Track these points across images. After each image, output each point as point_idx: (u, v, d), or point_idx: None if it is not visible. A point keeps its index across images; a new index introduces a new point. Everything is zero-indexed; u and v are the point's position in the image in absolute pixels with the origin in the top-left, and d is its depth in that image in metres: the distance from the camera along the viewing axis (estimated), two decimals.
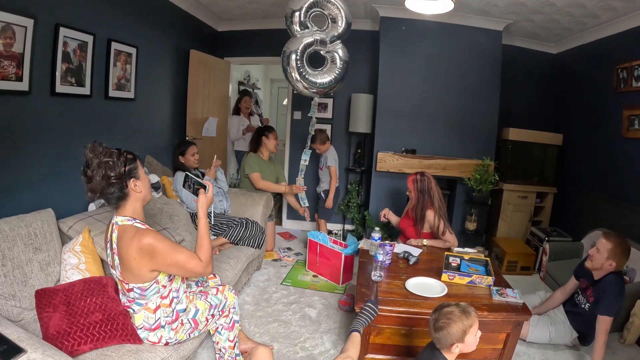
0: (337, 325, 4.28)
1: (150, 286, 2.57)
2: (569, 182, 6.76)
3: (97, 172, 2.39)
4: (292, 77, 4.91)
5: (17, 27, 3.35)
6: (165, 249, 2.49)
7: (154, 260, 2.46)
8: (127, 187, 2.52)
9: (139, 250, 2.41)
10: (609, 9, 5.24)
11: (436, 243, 4.64)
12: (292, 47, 4.81)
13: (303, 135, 7.35)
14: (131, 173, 2.53)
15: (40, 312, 2.75)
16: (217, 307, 3.08)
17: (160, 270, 2.58)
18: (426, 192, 4.64)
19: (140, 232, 2.45)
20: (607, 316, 3.47)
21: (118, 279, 2.57)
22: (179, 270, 2.65)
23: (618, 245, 3.54)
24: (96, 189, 2.43)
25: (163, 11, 5.75)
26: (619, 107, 5.51)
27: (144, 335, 2.72)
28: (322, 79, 5.05)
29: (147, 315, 2.66)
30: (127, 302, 2.69)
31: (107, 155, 2.44)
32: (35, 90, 3.64)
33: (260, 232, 5.01)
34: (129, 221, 2.52)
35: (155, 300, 2.66)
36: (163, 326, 2.72)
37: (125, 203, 2.56)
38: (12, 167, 3.49)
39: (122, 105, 4.95)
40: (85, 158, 2.43)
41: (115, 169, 2.44)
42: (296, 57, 4.78)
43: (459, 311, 2.38)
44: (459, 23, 6.21)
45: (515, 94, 7.15)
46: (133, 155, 2.60)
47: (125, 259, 2.44)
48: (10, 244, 2.96)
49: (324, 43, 4.98)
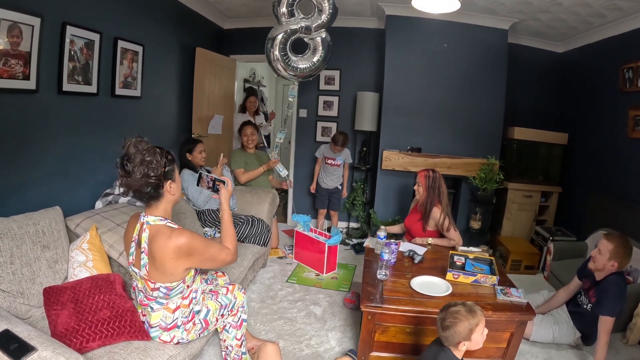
0: (342, 323, 4.29)
1: (177, 286, 2.59)
2: (573, 182, 6.76)
3: (138, 170, 2.39)
4: (275, 62, 5.32)
5: (24, 26, 3.37)
6: (201, 246, 2.55)
7: (191, 258, 2.51)
8: (162, 188, 2.53)
9: (177, 249, 2.43)
10: (615, 9, 5.24)
11: (441, 242, 4.65)
12: (275, 33, 5.17)
13: (309, 133, 7.39)
14: (169, 175, 2.55)
15: (48, 310, 2.77)
16: (227, 307, 3.10)
17: (195, 267, 2.65)
18: (436, 189, 4.66)
19: (175, 232, 2.48)
20: (609, 316, 3.48)
21: (142, 277, 2.56)
22: (213, 263, 2.74)
23: (619, 245, 3.55)
24: (132, 185, 2.43)
25: (169, 9, 5.76)
26: (624, 107, 5.50)
27: (156, 334, 2.72)
28: (303, 64, 5.38)
29: (165, 315, 2.67)
30: (145, 299, 2.67)
31: (151, 153, 2.45)
32: (43, 88, 3.65)
33: (266, 230, 5.02)
34: (161, 221, 2.54)
35: (176, 301, 2.67)
36: (178, 326, 2.74)
37: (157, 203, 2.57)
38: (19, 164, 3.52)
39: (128, 103, 4.97)
40: (127, 152, 2.42)
41: (157, 170, 2.45)
42: (279, 44, 5.16)
43: (466, 310, 2.41)
44: (465, 22, 6.21)
45: (520, 92, 7.15)
46: (172, 156, 2.62)
47: (159, 259, 2.45)
48: (18, 242, 2.98)
49: (308, 30, 5.27)
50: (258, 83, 10.41)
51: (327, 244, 5.22)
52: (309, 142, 7.51)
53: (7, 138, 3.39)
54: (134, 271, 2.66)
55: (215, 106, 7.03)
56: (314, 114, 7.56)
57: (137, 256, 2.58)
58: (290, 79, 5.58)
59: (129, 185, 2.44)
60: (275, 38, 5.20)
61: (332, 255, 5.43)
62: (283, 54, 5.29)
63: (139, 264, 2.55)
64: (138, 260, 2.57)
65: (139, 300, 2.75)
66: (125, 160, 2.40)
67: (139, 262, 2.56)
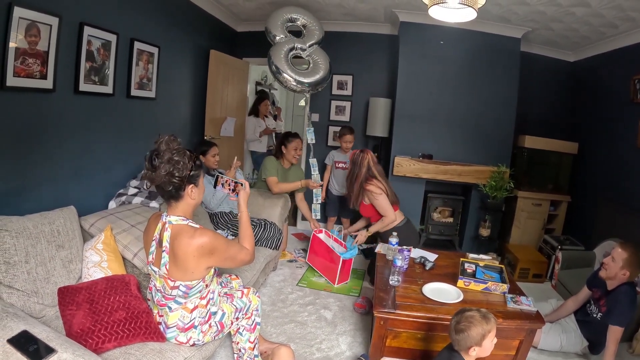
0: (353, 328, 4.30)
1: (197, 284, 2.63)
2: (583, 191, 6.75)
3: (164, 167, 2.46)
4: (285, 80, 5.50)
5: (42, 25, 3.39)
6: (222, 246, 2.63)
7: (213, 256, 2.58)
8: (183, 190, 2.59)
9: (200, 248, 2.50)
10: (628, 20, 5.24)
11: (376, 226, 4.97)
12: (275, 52, 5.48)
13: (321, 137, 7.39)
14: (192, 179, 2.60)
15: (63, 310, 2.80)
16: (241, 310, 3.12)
17: (216, 265, 2.71)
18: (357, 163, 4.94)
19: (198, 231, 2.54)
20: (619, 326, 3.50)
21: (162, 276, 2.60)
22: (232, 262, 2.81)
23: (633, 254, 3.57)
24: (155, 179, 2.49)
25: (184, 11, 5.80)
26: (634, 117, 5.50)
27: (172, 335, 2.74)
28: (309, 79, 5.52)
29: (183, 315, 2.70)
30: (163, 299, 2.70)
31: (180, 155, 2.52)
32: (59, 88, 3.67)
33: (278, 234, 5.04)
34: (183, 221, 2.59)
35: (194, 301, 2.71)
36: (195, 327, 2.76)
37: (177, 203, 2.62)
38: (35, 163, 3.55)
39: (143, 104, 5.00)
40: (157, 147, 2.50)
41: (182, 171, 2.51)
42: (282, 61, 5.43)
43: (480, 316, 2.45)
44: (478, 29, 6.21)
45: (531, 100, 7.14)
46: (200, 163, 2.70)
47: (180, 257, 2.50)
48: (34, 241, 3.00)
49: (303, 49, 5.58)
50: (270, 86, 10.44)
51: (342, 257, 5.11)
52: (320, 146, 7.51)
53: (23, 137, 3.41)
54: (153, 270, 2.69)
55: (228, 108, 7.05)
56: (325, 118, 7.56)
57: (157, 255, 2.63)
58: (300, 91, 5.65)
59: (151, 180, 2.51)
60: (279, 53, 5.46)
61: (346, 267, 5.30)
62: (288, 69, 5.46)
63: (159, 262, 2.59)
64: (158, 259, 2.61)
65: (157, 300, 2.78)
66: (155, 155, 2.48)
67: (159, 261, 2.60)
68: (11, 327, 2.23)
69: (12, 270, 2.81)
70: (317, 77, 5.53)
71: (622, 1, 4.73)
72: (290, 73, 5.37)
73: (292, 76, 5.38)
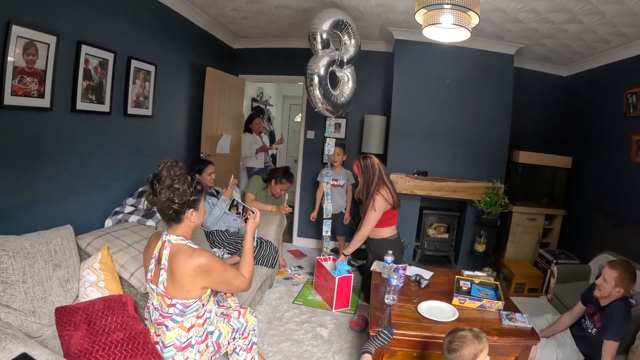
0: (349, 346, 4.31)
1: (193, 303, 2.66)
2: (577, 205, 6.80)
3: (165, 192, 2.51)
4: (315, 96, 5.09)
5: (40, 44, 3.42)
6: (219, 268, 2.67)
7: (209, 277, 2.61)
8: (183, 214, 2.64)
9: (197, 268, 2.54)
10: (620, 35, 5.31)
11: (353, 246, 4.96)
12: (315, 65, 5.01)
13: (316, 154, 7.41)
14: (193, 204, 2.66)
15: (60, 330, 2.79)
16: (238, 331, 3.15)
17: (211, 287, 2.73)
18: (369, 170, 4.89)
19: (196, 252, 2.59)
20: (614, 341, 3.50)
21: (160, 293, 2.63)
22: (227, 287, 2.86)
23: (624, 272, 3.58)
24: (156, 204, 2.56)
25: (181, 29, 5.83)
26: (628, 131, 5.56)
27: (170, 355, 2.74)
28: (341, 100, 5.29)
29: (180, 333, 2.72)
30: (161, 318, 2.72)
31: (181, 182, 2.58)
32: (57, 107, 3.69)
33: (274, 252, 5.05)
34: (182, 241, 2.65)
35: (191, 319, 2.73)
36: (192, 345, 2.77)
37: (177, 225, 2.67)
38: (32, 181, 3.56)
39: (140, 122, 5.02)
40: (159, 173, 2.55)
41: (182, 198, 2.57)
42: (319, 76, 4.97)
43: (472, 335, 2.47)
44: (471, 47, 6.26)
45: (525, 116, 7.22)
46: (201, 187, 2.74)
47: (178, 275, 2.53)
48: (31, 261, 3.02)
49: (341, 63, 5.23)
50: (265, 102, 10.47)
51: (337, 277, 5.05)
52: (316, 163, 7.54)
53: (21, 155, 3.43)
54: (151, 288, 2.72)
55: (224, 125, 7.07)
56: (321, 135, 7.57)
57: (155, 272, 2.67)
58: (328, 115, 5.55)
59: (153, 203, 2.58)
60: (318, 70, 5.06)
61: (345, 291, 5.21)
62: (324, 87, 5.15)
63: (157, 280, 2.63)
64: (157, 276, 2.64)
65: (154, 319, 2.78)
66: (156, 180, 2.54)
67: (157, 279, 2.63)
68: (11, 350, 2.22)
69: (9, 289, 2.82)
70: (343, 100, 5.46)
71: (614, 17, 4.81)
72: (329, 90, 5.24)
73: (324, 95, 5.15)
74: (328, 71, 5.12)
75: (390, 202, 4.75)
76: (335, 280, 5.05)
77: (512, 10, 5.00)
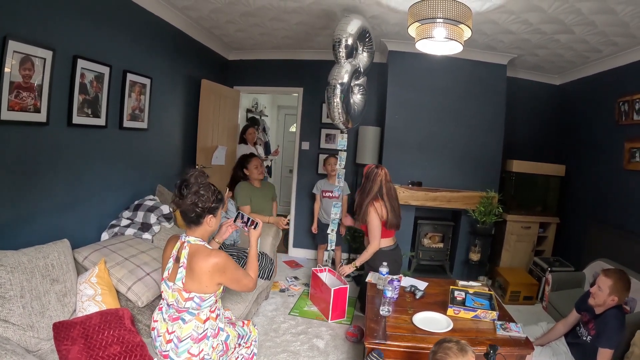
0: (345, 356, 4.33)
1: (209, 298, 2.79)
2: (571, 213, 6.84)
3: (190, 197, 2.74)
4: (335, 105, 5.07)
5: (36, 59, 3.44)
6: (232, 267, 2.87)
7: (224, 275, 2.81)
8: (203, 218, 2.84)
9: (214, 266, 2.74)
10: (611, 44, 5.38)
11: (363, 258, 4.86)
12: (339, 74, 4.98)
13: (311, 165, 7.43)
14: (212, 210, 2.87)
15: (58, 345, 2.82)
16: (243, 338, 3.24)
17: (224, 284, 2.89)
18: (370, 180, 4.86)
19: (213, 252, 2.79)
20: (608, 349, 3.52)
21: (176, 289, 2.74)
22: (237, 285, 2.99)
23: (618, 280, 3.60)
24: (182, 206, 2.78)
25: (176, 41, 5.86)
26: (620, 139, 5.61)
27: (185, 348, 2.75)
28: (356, 111, 5.35)
29: (197, 325, 2.80)
30: (176, 313, 2.80)
31: (206, 189, 2.81)
32: (53, 121, 3.71)
33: (270, 264, 5.04)
34: (200, 242, 2.84)
35: (206, 312, 2.84)
36: (208, 337, 2.84)
37: (196, 228, 2.87)
38: (28, 195, 3.57)
39: (135, 135, 5.04)
40: (187, 179, 2.79)
41: (205, 203, 2.79)
42: (342, 85, 4.95)
43: (457, 348, 2.48)
44: (465, 57, 6.28)
45: (518, 125, 7.28)
46: (222, 197, 2.96)
47: (197, 272, 2.71)
48: (29, 276, 3.04)
49: (359, 74, 5.25)
50: (260, 113, 10.49)
51: (332, 289, 5.05)
52: (311, 174, 7.57)
53: (18, 170, 3.44)
54: (166, 285, 2.81)
55: (219, 137, 7.09)
56: (316, 146, 7.62)
57: (173, 270, 2.79)
58: (341, 127, 5.50)
59: (178, 205, 2.81)
60: (342, 79, 4.97)
61: (340, 302, 5.21)
62: (346, 97, 5.10)
63: (174, 277, 2.75)
64: (174, 274, 2.77)
65: (169, 316, 2.82)
66: (184, 185, 2.78)
67: (174, 276, 2.75)
68: None
69: (7, 304, 2.84)
70: (358, 111, 5.49)
71: (605, 27, 4.87)
72: (350, 101, 5.23)
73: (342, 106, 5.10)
74: (351, 81, 5.11)
75: (383, 216, 4.74)
76: (331, 292, 5.06)
77: (504, 22, 5.06)
